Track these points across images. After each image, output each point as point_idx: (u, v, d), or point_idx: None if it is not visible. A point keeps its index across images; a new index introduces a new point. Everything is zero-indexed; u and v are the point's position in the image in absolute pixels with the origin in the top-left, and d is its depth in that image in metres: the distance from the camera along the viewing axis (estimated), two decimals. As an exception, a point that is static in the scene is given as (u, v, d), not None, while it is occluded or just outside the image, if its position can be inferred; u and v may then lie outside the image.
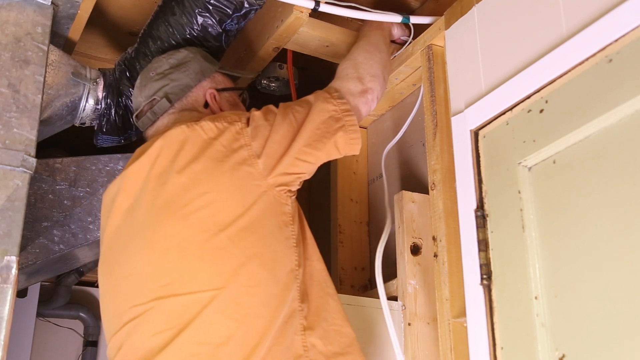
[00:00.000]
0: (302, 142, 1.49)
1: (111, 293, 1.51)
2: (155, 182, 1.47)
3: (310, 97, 1.59)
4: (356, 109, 1.60)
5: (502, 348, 1.33)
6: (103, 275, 1.55)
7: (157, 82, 1.67)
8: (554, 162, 1.30)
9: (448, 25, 1.70)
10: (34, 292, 2.87)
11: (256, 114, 1.52)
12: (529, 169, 1.35)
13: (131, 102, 1.85)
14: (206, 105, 1.67)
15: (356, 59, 1.71)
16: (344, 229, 2.13)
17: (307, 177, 1.54)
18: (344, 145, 1.55)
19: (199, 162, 1.44)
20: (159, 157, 1.48)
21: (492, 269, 1.39)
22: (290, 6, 1.76)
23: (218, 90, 1.70)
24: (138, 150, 1.60)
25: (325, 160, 1.55)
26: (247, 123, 1.49)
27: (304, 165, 1.50)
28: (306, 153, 1.49)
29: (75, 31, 1.81)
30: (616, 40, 1.19)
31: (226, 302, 1.37)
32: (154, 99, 1.65)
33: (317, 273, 1.51)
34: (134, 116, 1.72)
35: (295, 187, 1.51)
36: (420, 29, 1.85)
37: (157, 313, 1.39)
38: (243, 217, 1.41)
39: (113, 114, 1.86)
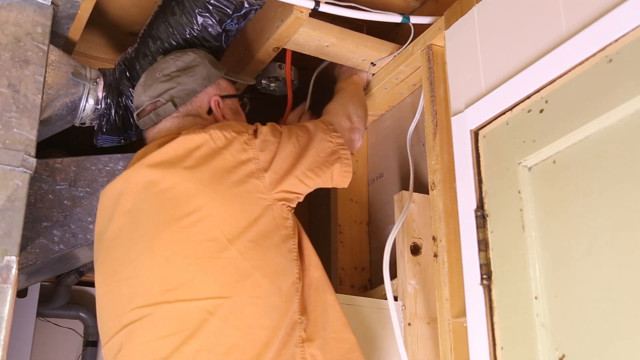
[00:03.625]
0: (306, 164, 1.55)
1: (110, 294, 1.50)
2: (160, 187, 1.47)
3: (309, 125, 1.65)
4: (348, 143, 1.68)
5: (502, 348, 1.33)
6: (101, 276, 1.54)
7: (163, 84, 1.66)
8: (554, 162, 1.30)
9: (448, 25, 1.70)
10: (34, 292, 2.87)
11: (264, 128, 1.55)
12: (529, 169, 1.35)
13: (131, 102, 1.85)
14: (209, 111, 1.68)
15: (342, 99, 1.83)
16: (344, 229, 2.13)
17: (301, 200, 1.58)
18: (338, 177, 1.62)
19: (206, 171, 1.45)
20: (165, 163, 1.48)
21: (492, 269, 1.39)
22: (290, 6, 1.76)
23: (222, 97, 1.71)
24: (140, 152, 1.60)
25: (319, 186, 1.60)
26: (254, 135, 1.52)
27: (303, 187, 1.55)
28: (308, 176, 1.55)
29: (75, 31, 1.81)
30: (616, 40, 1.19)
31: (231, 311, 1.38)
32: (159, 100, 1.65)
33: (316, 281, 1.52)
34: (134, 114, 1.71)
35: (294, 204, 1.55)
36: (420, 29, 1.85)
37: (161, 317, 1.39)
38: (250, 229, 1.43)
39: (113, 114, 1.86)
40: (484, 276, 1.40)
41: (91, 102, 1.83)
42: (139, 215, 1.49)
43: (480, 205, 1.45)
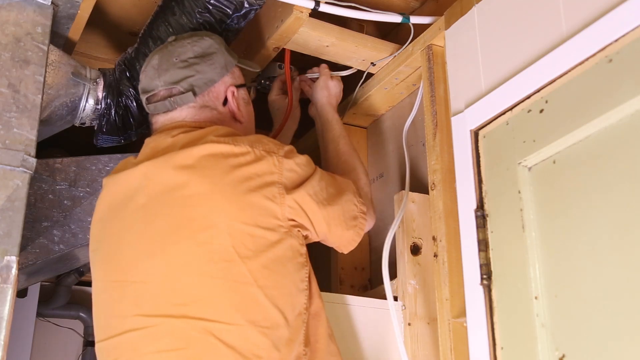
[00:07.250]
0: (327, 216, 1.51)
1: (112, 292, 1.46)
2: (182, 193, 1.42)
3: (341, 181, 1.59)
4: (368, 214, 1.62)
5: (502, 348, 1.33)
6: (103, 269, 1.50)
7: (181, 70, 1.59)
8: (554, 162, 1.30)
9: (448, 25, 1.70)
10: (34, 292, 2.87)
11: (300, 157, 1.51)
12: (529, 169, 1.35)
13: (131, 102, 1.85)
14: (224, 102, 1.63)
15: (358, 173, 1.71)
16: (344, 229, 2.13)
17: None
18: (346, 242, 1.59)
19: (230, 186, 1.41)
20: (191, 168, 1.43)
21: (492, 269, 1.39)
22: (290, 6, 1.76)
23: (236, 86, 1.67)
24: (152, 144, 1.55)
25: (320, 240, 1.56)
26: (285, 156, 1.48)
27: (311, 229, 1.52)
28: (321, 225, 1.51)
29: (75, 31, 1.81)
30: (616, 40, 1.19)
31: (240, 339, 1.34)
32: (176, 87, 1.59)
33: (322, 311, 1.50)
34: (144, 98, 1.64)
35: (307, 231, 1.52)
36: (420, 29, 1.85)
37: (165, 331, 1.36)
38: (266, 254, 1.40)
39: (113, 114, 1.86)
40: (484, 276, 1.40)
41: (91, 102, 1.82)
42: (154, 216, 1.44)
43: (480, 205, 1.45)
